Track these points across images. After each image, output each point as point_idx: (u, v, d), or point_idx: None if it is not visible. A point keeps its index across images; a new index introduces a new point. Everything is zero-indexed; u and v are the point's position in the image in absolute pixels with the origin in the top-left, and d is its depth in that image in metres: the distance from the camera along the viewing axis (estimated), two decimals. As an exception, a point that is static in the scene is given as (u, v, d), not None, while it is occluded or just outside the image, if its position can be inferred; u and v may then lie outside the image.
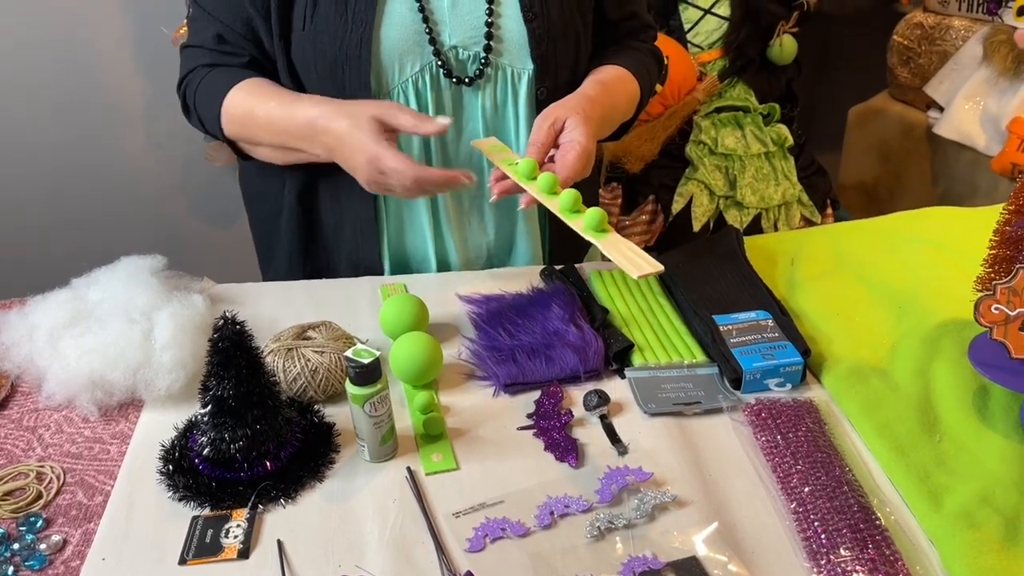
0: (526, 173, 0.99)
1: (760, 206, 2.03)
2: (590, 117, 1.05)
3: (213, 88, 1.11)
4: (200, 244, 2.30)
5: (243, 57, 1.12)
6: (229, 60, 1.12)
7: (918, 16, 2.22)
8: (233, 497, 0.82)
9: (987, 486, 0.80)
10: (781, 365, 0.95)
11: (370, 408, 0.84)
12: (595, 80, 1.15)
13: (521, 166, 1.00)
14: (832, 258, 1.17)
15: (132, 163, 2.20)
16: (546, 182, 0.97)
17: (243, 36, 1.10)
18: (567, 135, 1.03)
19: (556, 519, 0.80)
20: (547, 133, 1.03)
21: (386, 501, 0.83)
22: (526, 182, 0.99)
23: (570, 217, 0.95)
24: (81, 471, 0.87)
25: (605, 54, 1.21)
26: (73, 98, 2.11)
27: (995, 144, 1.99)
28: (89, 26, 2.04)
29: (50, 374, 0.93)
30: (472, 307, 1.09)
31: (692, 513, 0.80)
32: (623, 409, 0.94)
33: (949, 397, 0.91)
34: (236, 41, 1.11)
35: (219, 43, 1.11)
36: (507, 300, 1.09)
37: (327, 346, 0.95)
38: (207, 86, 1.11)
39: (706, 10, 2.10)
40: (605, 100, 1.12)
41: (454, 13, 1.08)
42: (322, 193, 1.18)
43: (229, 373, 0.81)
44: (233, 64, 1.12)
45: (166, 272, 1.07)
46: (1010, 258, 0.89)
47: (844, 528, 0.77)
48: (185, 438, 0.88)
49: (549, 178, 0.97)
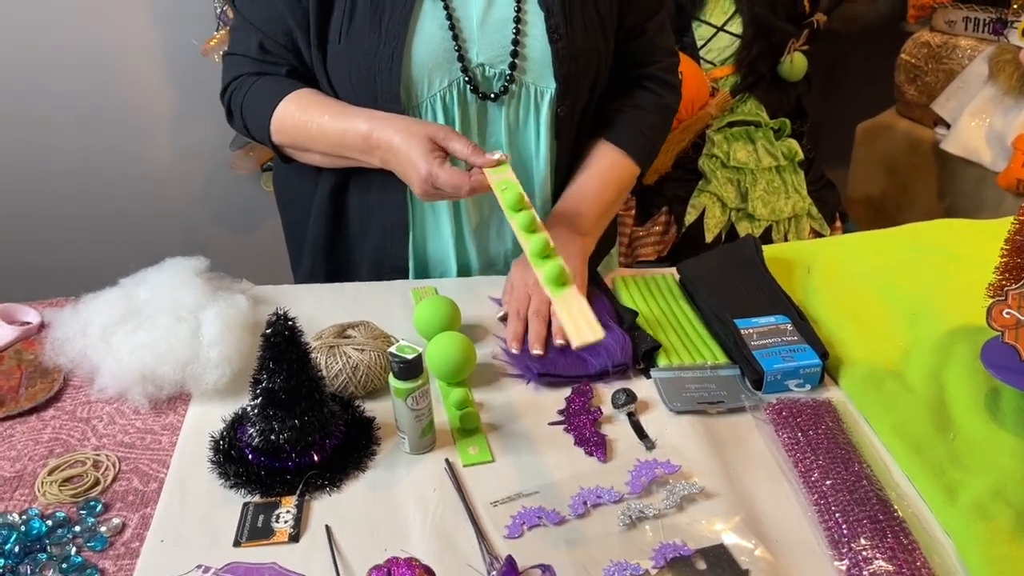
0: (511, 204, 1.00)
1: (771, 218, 2.07)
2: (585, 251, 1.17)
3: (261, 97, 1.16)
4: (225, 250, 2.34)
5: (284, 66, 1.17)
6: (271, 69, 1.17)
7: (925, 35, 2.27)
8: (282, 485, 0.87)
9: (999, 481, 0.84)
10: (801, 367, 0.99)
11: (412, 402, 0.88)
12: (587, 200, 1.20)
13: (507, 196, 1.00)
14: (846, 266, 1.21)
15: (159, 171, 2.26)
16: (526, 220, 0.97)
17: (284, 47, 1.15)
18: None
19: (589, 508, 0.84)
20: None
21: (427, 491, 0.87)
22: (510, 213, 1.00)
23: (536, 263, 0.94)
24: (135, 459, 0.91)
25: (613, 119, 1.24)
26: (105, 108, 2.16)
27: (1001, 160, 2.04)
28: (120, 37, 2.09)
29: (104, 368, 0.98)
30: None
31: (719, 504, 0.85)
32: (649, 407, 0.98)
33: (962, 398, 0.95)
34: (277, 51, 1.16)
35: (262, 52, 1.16)
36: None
37: (367, 344, 0.99)
38: (255, 95, 1.16)
39: (719, 28, 2.15)
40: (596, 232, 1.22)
41: (483, 32, 1.13)
42: (352, 194, 1.22)
43: (280, 367, 0.85)
44: (275, 73, 1.17)
45: (208, 273, 1.12)
46: (1020, 265, 0.93)
47: (864, 519, 0.81)
48: (234, 429, 0.92)
49: (528, 216, 0.98)
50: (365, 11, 1.10)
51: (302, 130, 1.13)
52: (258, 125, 1.16)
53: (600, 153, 1.23)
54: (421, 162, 1.04)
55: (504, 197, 1.00)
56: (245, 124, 1.19)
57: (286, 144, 1.17)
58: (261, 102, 1.15)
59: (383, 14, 1.09)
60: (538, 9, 1.13)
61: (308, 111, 1.13)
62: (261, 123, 1.15)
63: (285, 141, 1.16)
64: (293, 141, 1.16)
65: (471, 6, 1.12)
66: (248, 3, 1.16)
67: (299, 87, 1.15)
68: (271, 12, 1.13)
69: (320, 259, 1.27)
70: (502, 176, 1.03)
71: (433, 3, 1.11)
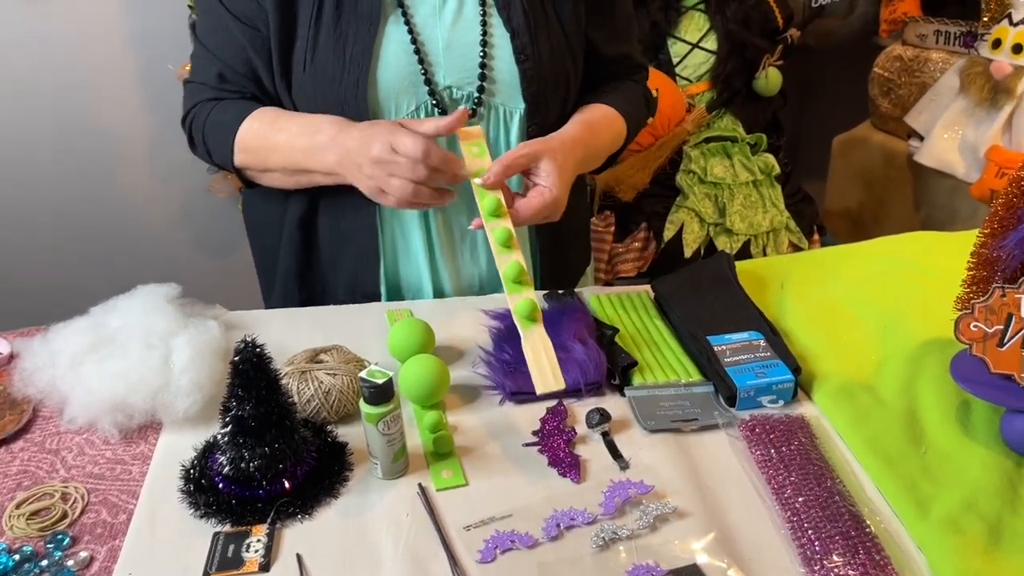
0: (490, 210, 1.01)
1: (749, 232, 2.09)
2: (566, 164, 1.10)
3: (223, 119, 1.15)
4: (203, 274, 2.34)
5: (244, 95, 1.17)
6: (231, 97, 1.17)
7: (897, 49, 2.30)
8: (252, 514, 0.86)
9: (971, 494, 0.84)
10: (773, 383, 0.99)
11: (383, 426, 0.88)
12: (582, 120, 1.19)
13: (486, 203, 1.02)
14: (819, 281, 1.22)
15: (137, 196, 2.25)
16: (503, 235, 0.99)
17: (243, 76, 1.15)
18: (542, 180, 1.08)
19: (562, 531, 0.84)
20: (517, 160, 1.06)
21: (399, 516, 0.86)
22: (488, 218, 1.02)
23: (509, 288, 0.97)
24: (104, 491, 0.90)
25: (596, 92, 1.26)
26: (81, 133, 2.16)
27: (974, 171, 2.06)
28: (97, 63, 2.09)
29: (73, 398, 0.97)
30: (494, 321, 1.14)
31: (692, 523, 0.84)
32: (624, 426, 0.98)
33: (933, 411, 0.95)
34: (236, 80, 1.16)
35: (221, 82, 1.16)
36: None
37: (339, 369, 0.99)
38: (217, 117, 1.16)
39: (694, 44, 2.17)
40: (589, 140, 1.17)
41: (448, 55, 1.13)
42: (322, 220, 1.22)
43: (249, 394, 0.85)
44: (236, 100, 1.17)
45: (181, 300, 1.11)
46: (987, 278, 0.94)
47: (836, 535, 0.81)
48: (204, 458, 0.92)
49: (494, 201, 1.00)
50: (328, 39, 1.10)
51: (266, 143, 1.12)
52: (220, 146, 1.16)
53: (591, 106, 1.23)
54: (388, 125, 1.04)
55: (483, 204, 1.02)
56: (207, 148, 1.18)
57: (247, 164, 1.16)
58: (223, 124, 1.15)
59: (347, 41, 1.10)
60: (504, 31, 1.14)
61: (276, 123, 1.12)
62: (224, 144, 1.15)
63: (247, 160, 1.15)
64: (255, 157, 1.15)
65: (435, 29, 1.13)
66: (208, 32, 1.16)
67: (260, 107, 1.15)
68: (230, 42, 1.13)
69: (293, 288, 1.27)
70: (478, 162, 1.04)
71: (397, 27, 1.11)
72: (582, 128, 1.18)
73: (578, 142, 1.15)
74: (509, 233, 1.01)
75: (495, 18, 1.14)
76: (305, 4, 1.10)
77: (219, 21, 1.14)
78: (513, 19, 1.14)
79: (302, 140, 1.10)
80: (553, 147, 1.10)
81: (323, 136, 1.08)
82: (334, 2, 1.09)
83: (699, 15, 2.17)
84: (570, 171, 1.12)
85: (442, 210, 1.19)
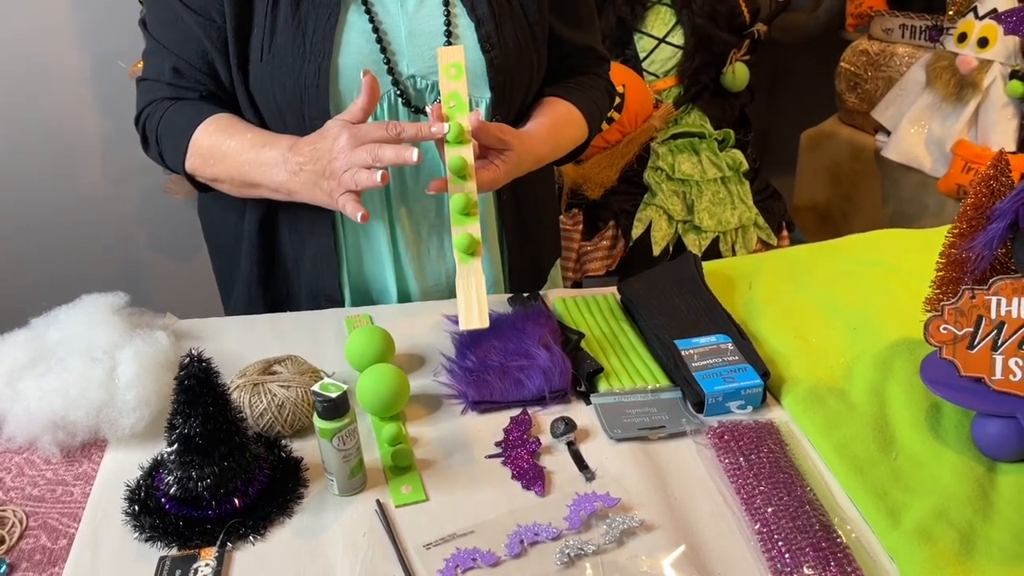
0: (453, 137, 1.00)
1: (718, 230, 2.07)
2: (523, 163, 1.10)
3: (178, 121, 1.11)
4: (160, 277, 2.28)
5: (199, 90, 1.12)
6: (186, 94, 1.13)
7: (864, 44, 2.29)
8: (201, 536, 0.82)
9: (942, 501, 0.83)
10: (742, 388, 0.97)
11: (338, 442, 0.84)
12: (549, 120, 1.18)
13: (450, 127, 1.00)
14: (788, 281, 1.20)
15: (90, 197, 2.18)
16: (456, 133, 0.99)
17: (199, 70, 1.11)
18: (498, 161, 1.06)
19: (526, 547, 0.81)
20: (492, 134, 1.04)
21: (356, 535, 0.83)
22: (451, 146, 1.00)
23: (455, 219, 0.99)
24: (44, 514, 0.86)
25: (561, 86, 1.24)
26: (29, 132, 2.09)
27: (940, 166, 2.06)
28: (46, 60, 2.03)
29: (10, 416, 0.92)
30: (457, 327, 1.10)
31: (659, 537, 0.82)
32: (590, 435, 0.95)
33: (903, 415, 0.93)
34: (192, 75, 1.11)
35: (176, 76, 1.12)
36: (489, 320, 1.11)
37: (293, 380, 0.95)
38: (171, 118, 1.12)
39: (660, 39, 2.15)
40: (549, 140, 1.17)
41: (411, 44, 1.10)
42: (281, 223, 1.18)
43: (196, 411, 0.81)
44: (191, 98, 1.12)
45: (128, 309, 1.07)
46: (956, 279, 0.93)
47: (807, 547, 0.79)
48: (151, 477, 0.87)
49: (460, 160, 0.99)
50: (287, 27, 1.06)
51: (217, 150, 1.08)
52: (173, 150, 1.12)
53: (554, 101, 1.21)
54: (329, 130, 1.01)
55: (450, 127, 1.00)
56: (160, 149, 1.14)
57: (197, 169, 1.12)
58: (177, 126, 1.11)
59: (306, 28, 1.06)
60: (468, 21, 1.12)
61: (229, 130, 1.09)
62: (177, 148, 1.11)
63: (197, 165, 1.11)
64: (204, 163, 1.10)
65: (397, 17, 1.10)
66: (160, 26, 1.11)
67: (218, 111, 1.11)
68: (184, 34, 1.09)
69: (257, 292, 1.23)
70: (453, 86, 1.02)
71: (358, 15, 1.08)
72: (548, 128, 1.17)
73: (543, 140, 1.15)
74: (464, 162, 1.00)
75: (458, 7, 1.12)
76: None
77: (171, 14, 1.09)
78: (477, 8, 1.11)
79: (252, 152, 1.06)
80: (523, 143, 1.09)
81: (274, 151, 1.05)
82: None
83: (665, 9, 2.14)
84: (524, 168, 1.12)
85: (406, 204, 1.16)
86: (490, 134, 1.04)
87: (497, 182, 1.06)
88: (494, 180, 1.06)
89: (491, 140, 1.05)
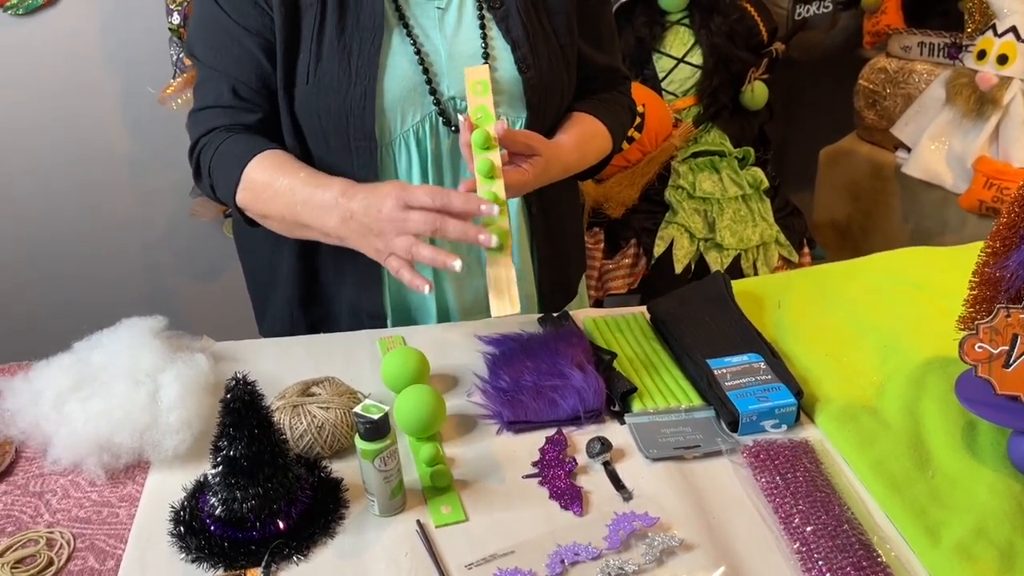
0: (480, 143, 1.02)
1: (739, 247, 2.08)
2: (550, 170, 1.12)
3: (232, 152, 1.11)
4: (188, 299, 2.30)
5: (258, 112, 1.13)
6: (245, 117, 1.13)
7: (882, 61, 2.30)
8: (246, 556, 0.83)
9: (981, 519, 0.83)
10: (776, 407, 0.97)
11: (380, 463, 0.85)
12: (577, 133, 1.21)
13: (476, 135, 1.02)
14: (817, 300, 1.21)
15: (118, 221, 2.21)
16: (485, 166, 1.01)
17: (257, 91, 1.12)
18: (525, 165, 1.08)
19: (567, 567, 0.82)
20: (520, 139, 1.07)
21: (398, 555, 0.84)
22: (478, 151, 1.03)
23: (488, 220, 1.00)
24: (91, 536, 0.87)
25: (586, 101, 1.27)
26: (60, 157, 2.12)
27: (962, 182, 2.06)
28: (76, 86, 2.06)
29: (56, 439, 0.94)
30: (489, 347, 1.12)
31: (699, 556, 0.82)
32: (625, 455, 0.96)
33: (939, 433, 0.94)
34: (251, 96, 1.12)
35: (235, 99, 1.12)
36: (521, 340, 1.12)
37: (332, 402, 0.96)
38: (225, 150, 1.12)
39: (679, 59, 2.16)
40: (577, 152, 1.20)
41: (452, 66, 1.13)
42: (322, 246, 1.19)
43: (241, 433, 0.82)
44: (249, 122, 1.13)
45: (167, 332, 1.09)
46: (990, 298, 0.93)
47: (848, 566, 0.79)
48: (195, 499, 0.89)
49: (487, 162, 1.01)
50: (332, 51, 1.09)
51: (269, 187, 1.08)
52: (225, 183, 1.12)
53: (583, 117, 1.24)
54: (396, 183, 1.03)
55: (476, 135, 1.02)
56: (212, 182, 1.14)
57: (248, 205, 1.12)
58: (231, 158, 1.11)
59: (351, 52, 1.09)
60: (504, 43, 1.15)
61: (282, 168, 1.09)
62: (228, 180, 1.11)
63: (248, 200, 1.11)
64: (256, 199, 1.11)
65: (437, 40, 1.13)
66: (214, 52, 1.12)
67: (272, 147, 1.11)
68: (242, 57, 1.11)
69: (298, 313, 1.25)
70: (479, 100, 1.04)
71: (401, 39, 1.11)
72: (576, 138, 1.20)
73: (571, 149, 1.18)
74: (491, 164, 1.02)
75: (494, 30, 1.15)
76: (308, 15, 1.09)
77: (227, 36, 1.11)
78: (512, 30, 1.14)
79: (305, 191, 1.06)
80: (551, 149, 1.12)
81: (328, 193, 1.05)
82: (336, 13, 1.08)
83: (684, 30, 2.16)
84: (552, 174, 1.14)
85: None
86: (517, 140, 1.07)
87: (526, 185, 1.08)
88: (523, 182, 1.07)
89: (519, 146, 1.07)
